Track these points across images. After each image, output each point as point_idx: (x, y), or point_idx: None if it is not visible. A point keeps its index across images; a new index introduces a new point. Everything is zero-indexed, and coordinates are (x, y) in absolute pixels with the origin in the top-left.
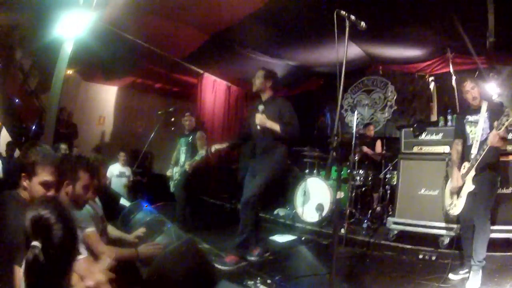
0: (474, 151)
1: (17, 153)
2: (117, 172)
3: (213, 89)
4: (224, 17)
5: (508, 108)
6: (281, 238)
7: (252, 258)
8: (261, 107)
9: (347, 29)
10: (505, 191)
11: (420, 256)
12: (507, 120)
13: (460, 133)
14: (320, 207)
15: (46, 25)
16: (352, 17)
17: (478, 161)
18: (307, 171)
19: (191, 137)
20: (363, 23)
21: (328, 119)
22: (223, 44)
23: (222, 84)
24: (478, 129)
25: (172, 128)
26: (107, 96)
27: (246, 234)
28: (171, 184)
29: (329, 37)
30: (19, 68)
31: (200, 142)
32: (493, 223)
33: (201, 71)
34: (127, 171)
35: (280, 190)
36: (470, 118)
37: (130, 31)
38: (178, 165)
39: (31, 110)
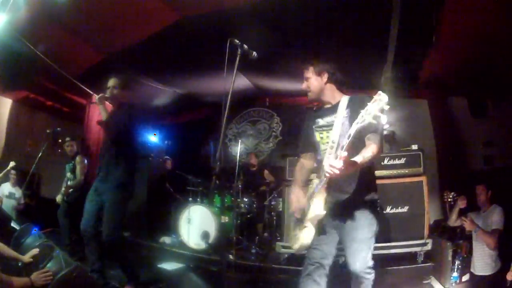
0: (326, 162)
1: None
2: (6, 193)
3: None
4: (120, 38)
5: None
6: (169, 266)
7: None
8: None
9: (238, 57)
10: (400, 210)
11: None
12: (378, 106)
13: (306, 145)
14: (205, 235)
15: None
16: (245, 47)
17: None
18: (190, 199)
19: (72, 162)
20: (254, 53)
21: (212, 148)
22: (116, 66)
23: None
24: (333, 133)
25: (59, 150)
26: (1, 109)
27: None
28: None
29: (218, 66)
30: None
31: (79, 167)
32: (395, 240)
33: (91, 92)
34: (17, 192)
35: (163, 218)
36: (321, 121)
37: (33, 40)
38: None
39: None
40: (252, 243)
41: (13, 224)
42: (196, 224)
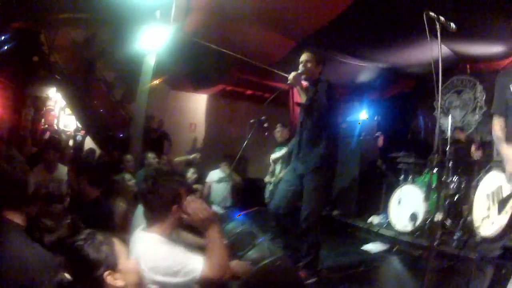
0: None
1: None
2: (216, 178)
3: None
4: (310, 22)
5: None
6: (373, 248)
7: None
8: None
9: (438, 31)
10: None
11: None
12: None
13: (503, 104)
14: (413, 217)
15: (125, 39)
16: (442, 19)
17: None
18: (402, 177)
19: (284, 148)
20: (452, 25)
21: (422, 122)
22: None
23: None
24: None
25: (265, 133)
26: (196, 104)
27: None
28: (266, 192)
29: (418, 37)
30: (102, 80)
31: None
32: None
33: None
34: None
35: (375, 197)
36: None
37: (215, 40)
38: (273, 175)
39: (118, 119)
40: (456, 228)
41: (214, 208)
42: (406, 205)
